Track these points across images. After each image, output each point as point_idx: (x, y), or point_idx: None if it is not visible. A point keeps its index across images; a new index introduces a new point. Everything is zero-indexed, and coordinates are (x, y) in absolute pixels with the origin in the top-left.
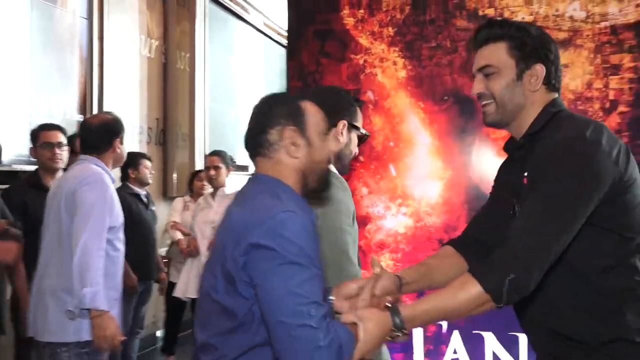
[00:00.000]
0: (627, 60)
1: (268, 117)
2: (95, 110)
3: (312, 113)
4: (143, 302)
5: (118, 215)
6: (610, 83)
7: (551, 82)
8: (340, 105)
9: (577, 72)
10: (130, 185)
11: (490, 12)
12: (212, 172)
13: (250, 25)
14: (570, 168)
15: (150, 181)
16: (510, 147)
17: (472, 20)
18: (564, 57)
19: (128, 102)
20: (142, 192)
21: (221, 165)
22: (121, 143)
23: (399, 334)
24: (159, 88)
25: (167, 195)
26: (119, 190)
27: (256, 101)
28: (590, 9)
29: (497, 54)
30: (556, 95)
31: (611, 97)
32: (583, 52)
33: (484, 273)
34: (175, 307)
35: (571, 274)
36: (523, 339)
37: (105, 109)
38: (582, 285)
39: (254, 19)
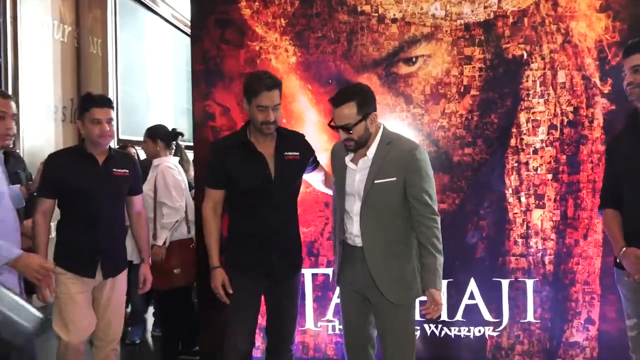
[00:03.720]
0: (477, 53)
1: None
2: (10, 91)
3: None
4: None
5: None
6: (464, 71)
7: None
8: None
9: (437, 62)
10: None
11: (367, 8)
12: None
13: (160, 16)
14: None
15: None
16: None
17: (351, 15)
18: (427, 48)
19: (43, 83)
20: None
21: (146, 139)
22: None
23: None
24: (73, 70)
25: None
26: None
27: (166, 84)
28: (449, 9)
29: None
30: None
31: (465, 82)
32: (443, 44)
33: None
34: None
35: None
36: None
37: (20, 89)
38: None
39: (163, 11)
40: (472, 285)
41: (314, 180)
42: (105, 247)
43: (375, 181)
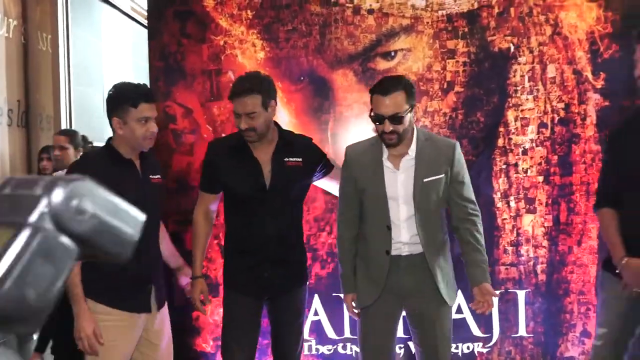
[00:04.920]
0: (461, 46)
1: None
2: None
3: None
4: None
5: None
6: (447, 66)
7: None
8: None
9: (418, 56)
10: None
11: None
12: (57, 152)
13: (117, 9)
14: None
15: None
16: None
17: (324, 6)
18: (407, 42)
19: None
20: None
21: (68, 145)
22: None
23: None
24: (20, 69)
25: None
26: None
27: None
28: None
29: None
30: None
31: (448, 78)
32: (424, 37)
33: None
34: None
35: None
36: None
37: None
38: None
39: (121, 3)
40: (460, 298)
41: (329, 187)
42: (156, 271)
43: (424, 180)
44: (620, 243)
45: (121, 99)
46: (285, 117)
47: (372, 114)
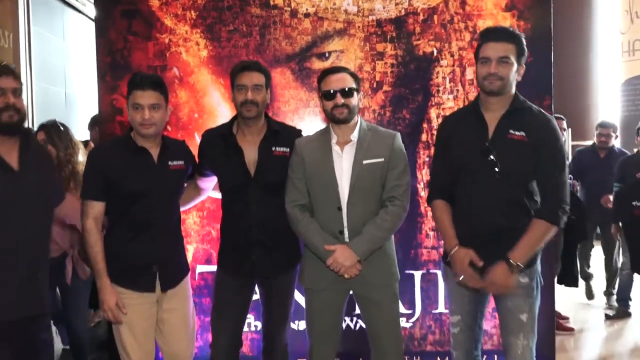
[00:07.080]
0: (389, 49)
1: None
2: None
3: None
4: None
5: None
6: (377, 67)
7: None
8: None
9: (350, 57)
10: None
11: (280, 2)
12: None
13: (82, 13)
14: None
15: None
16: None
17: (264, 9)
18: (340, 44)
19: None
20: None
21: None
22: None
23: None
24: None
25: None
26: None
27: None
28: (361, 5)
29: None
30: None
31: (377, 78)
32: (355, 40)
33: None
34: None
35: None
36: None
37: None
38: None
39: (86, 9)
40: None
41: None
42: (162, 255)
43: (364, 162)
44: (452, 234)
45: (128, 87)
46: (226, 111)
47: (323, 92)
